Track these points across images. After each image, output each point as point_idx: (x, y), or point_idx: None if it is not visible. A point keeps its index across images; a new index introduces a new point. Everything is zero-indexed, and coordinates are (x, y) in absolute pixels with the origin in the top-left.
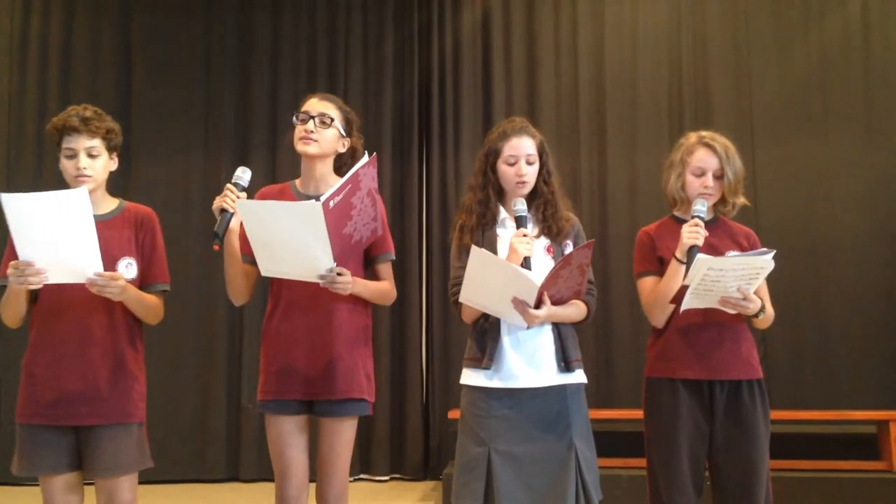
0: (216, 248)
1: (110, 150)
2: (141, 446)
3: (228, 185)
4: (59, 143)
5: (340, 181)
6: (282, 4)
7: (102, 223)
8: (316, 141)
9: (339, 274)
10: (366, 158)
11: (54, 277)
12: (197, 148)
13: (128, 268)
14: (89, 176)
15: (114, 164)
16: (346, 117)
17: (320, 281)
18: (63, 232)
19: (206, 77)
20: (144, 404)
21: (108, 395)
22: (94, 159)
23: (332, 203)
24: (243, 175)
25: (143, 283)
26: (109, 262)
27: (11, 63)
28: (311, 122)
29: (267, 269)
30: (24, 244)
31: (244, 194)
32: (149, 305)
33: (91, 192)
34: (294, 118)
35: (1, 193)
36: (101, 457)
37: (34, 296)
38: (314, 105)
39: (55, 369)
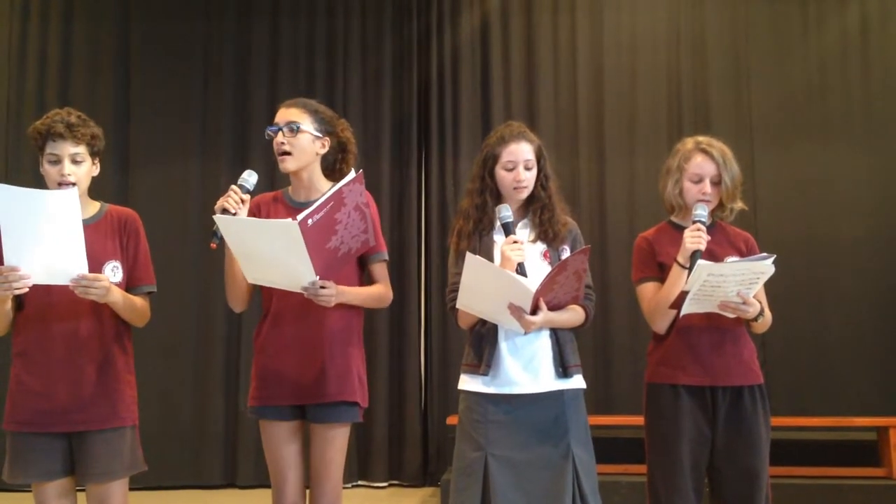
0: (213, 246)
1: (93, 155)
2: (134, 450)
3: (233, 187)
4: (42, 147)
5: (321, 198)
6: (280, 10)
7: (86, 227)
8: (291, 154)
9: (322, 287)
10: (351, 175)
11: (39, 279)
12: (195, 153)
13: (114, 271)
14: (73, 183)
15: (96, 170)
16: (318, 117)
17: (304, 292)
18: (51, 232)
19: (204, 82)
20: (136, 406)
21: (99, 400)
22: (77, 165)
23: (310, 221)
24: (249, 178)
25: (129, 285)
26: (95, 266)
27: (10, 69)
28: (280, 133)
29: (253, 277)
30: (12, 244)
31: (248, 196)
32: (135, 307)
33: None
34: (266, 134)
35: None
36: (95, 462)
37: (19, 303)
38: (281, 115)
39: (45, 376)
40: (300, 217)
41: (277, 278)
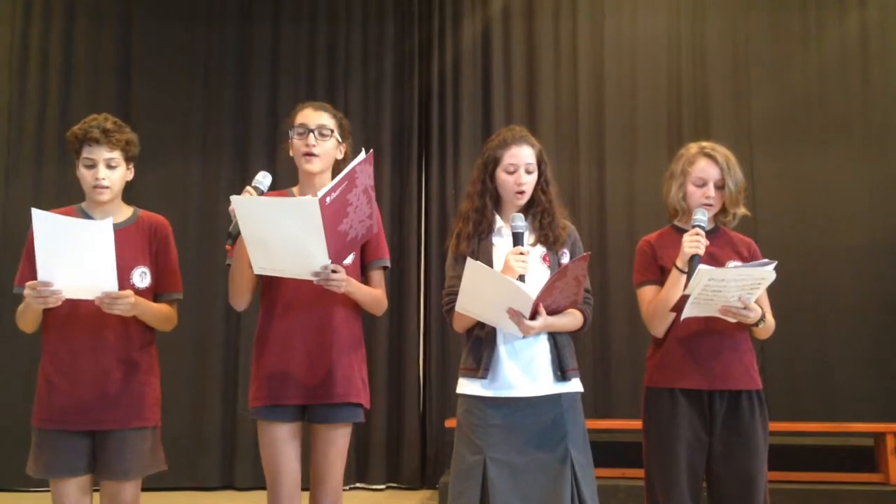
0: (228, 247)
1: (128, 160)
2: (155, 450)
3: (248, 188)
4: (79, 151)
5: (337, 177)
6: (282, 15)
7: (117, 232)
8: (318, 156)
9: (333, 271)
10: (363, 155)
11: (70, 294)
12: (195, 155)
13: (142, 277)
14: (107, 187)
15: (130, 174)
16: (340, 123)
17: (314, 278)
18: (84, 256)
19: (205, 85)
20: (159, 408)
21: (122, 401)
22: (112, 170)
23: (328, 199)
24: (263, 180)
25: (156, 291)
26: (124, 271)
27: (11, 70)
28: (311, 135)
29: (260, 266)
30: (46, 261)
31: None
32: (161, 315)
33: (107, 201)
34: (290, 131)
35: (32, 209)
36: (116, 460)
37: None
38: (311, 117)
39: (71, 376)
40: (320, 193)
41: (288, 265)
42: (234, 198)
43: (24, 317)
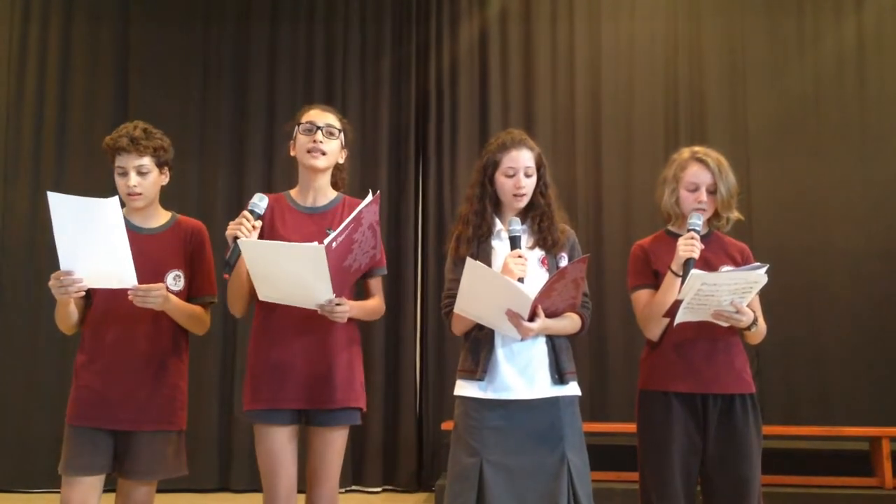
0: (226, 277)
1: (160, 165)
2: (178, 454)
3: (244, 213)
4: (113, 161)
5: (345, 222)
6: (280, 17)
7: (153, 236)
8: (325, 154)
9: (338, 304)
10: (370, 198)
11: (91, 283)
12: (193, 157)
13: (175, 280)
14: (139, 193)
15: (165, 179)
16: (345, 129)
17: (319, 310)
18: (99, 237)
19: (203, 87)
20: (185, 413)
21: (149, 403)
22: (143, 176)
23: (334, 244)
24: (259, 203)
25: (190, 294)
26: (158, 274)
27: (9, 71)
28: (319, 132)
29: (265, 295)
30: (66, 249)
31: (259, 223)
32: (193, 316)
33: (142, 207)
34: (296, 128)
35: (48, 192)
36: (139, 462)
37: (89, 301)
38: (318, 116)
39: (100, 374)
40: (326, 241)
41: (293, 297)
42: (241, 241)
43: (58, 313)
